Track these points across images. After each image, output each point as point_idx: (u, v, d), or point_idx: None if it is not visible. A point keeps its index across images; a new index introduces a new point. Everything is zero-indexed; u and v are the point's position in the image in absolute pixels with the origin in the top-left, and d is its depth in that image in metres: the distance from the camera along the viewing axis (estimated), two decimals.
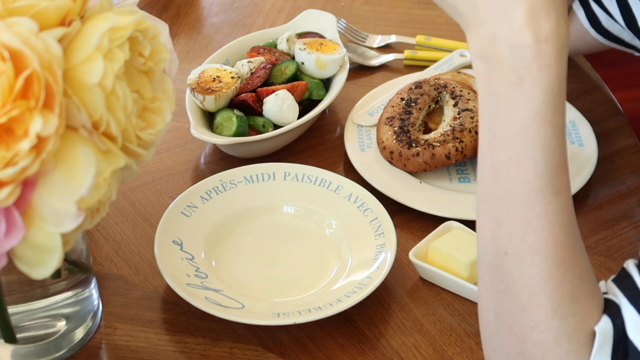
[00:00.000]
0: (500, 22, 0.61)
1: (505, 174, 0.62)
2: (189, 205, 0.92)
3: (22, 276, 0.62)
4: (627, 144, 1.06)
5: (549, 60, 0.60)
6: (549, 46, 0.60)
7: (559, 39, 0.61)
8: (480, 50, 0.62)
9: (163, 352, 0.81)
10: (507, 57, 0.61)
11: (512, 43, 0.60)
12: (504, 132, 0.62)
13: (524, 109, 0.61)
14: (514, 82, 0.61)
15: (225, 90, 1.02)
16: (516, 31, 0.60)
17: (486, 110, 0.64)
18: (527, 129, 0.61)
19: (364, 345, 0.81)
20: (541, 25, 0.60)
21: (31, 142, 0.57)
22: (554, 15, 0.61)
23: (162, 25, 0.70)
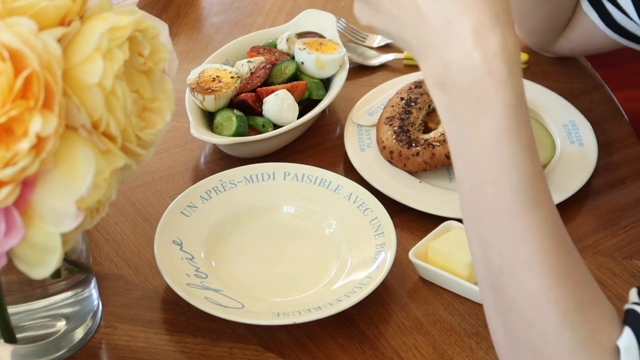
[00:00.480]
0: (449, 46, 0.60)
1: (484, 195, 0.62)
2: (189, 205, 0.92)
3: (22, 276, 0.62)
4: (627, 144, 1.06)
5: (502, 76, 0.60)
6: (499, 62, 0.59)
7: (508, 52, 0.60)
8: (435, 78, 0.62)
9: (163, 352, 0.81)
10: (461, 80, 0.60)
11: (463, 65, 0.60)
12: (473, 154, 0.61)
13: (488, 129, 0.60)
14: (472, 104, 0.60)
15: (225, 90, 1.02)
16: (465, 53, 0.60)
17: (452, 136, 0.63)
18: (495, 148, 0.60)
19: (364, 345, 0.81)
20: (488, 43, 0.59)
21: (31, 142, 0.57)
22: (499, 30, 0.60)
23: (161, 25, 0.70)
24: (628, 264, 0.90)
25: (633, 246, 0.92)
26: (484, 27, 0.60)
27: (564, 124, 1.06)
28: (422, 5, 0.61)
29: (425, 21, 0.61)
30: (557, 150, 1.02)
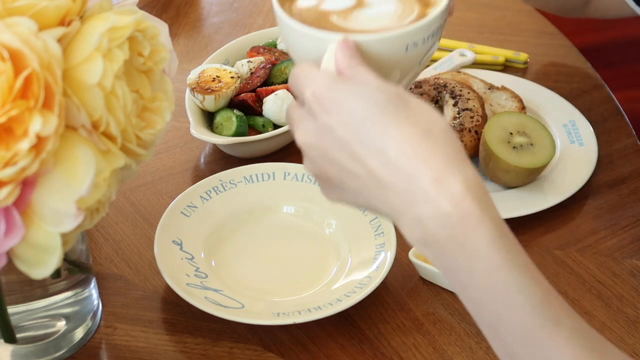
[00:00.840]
0: (416, 204, 0.60)
1: (504, 330, 0.60)
2: (189, 205, 0.92)
3: (22, 276, 0.62)
4: (627, 144, 1.06)
5: (476, 214, 0.59)
6: (468, 202, 0.59)
7: (473, 189, 0.59)
8: (416, 238, 0.61)
9: (163, 352, 0.81)
10: (440, 233, 0.59)
11: (435, 218, 0.59)
12: (480, 298, 0.60)
13: (482, 271, 0.59)
14: (458, 251, 0.59)
15: (225, 90, 1.02)
16: (433, 206, 0.59)
17: (455, 286, 0.62)
18: (496, 286, 0.59)
19: (363, 345, 0.81)
20: (451, 188, 0.59)
21: (31, 141, 0.57)
22: (457, 172, 0.59)
23: (161, 25, 0.70)
24: (628, 264, 0.90)
25: (633, 246, 0.92)
26: (442, 175, 0.59)
27: (564, 124, 1.06)
28: (379, 173, 0.61)
29: (387, 187, 0.61)
30: (557, 150, 1.01)
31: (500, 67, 1.19)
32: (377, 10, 0.74)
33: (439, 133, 0.61)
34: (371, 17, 0.73)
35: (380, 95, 0.62)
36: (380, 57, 0.69)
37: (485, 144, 0.95)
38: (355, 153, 0.61)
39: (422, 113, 0.62)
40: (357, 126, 0.61)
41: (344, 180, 0.63)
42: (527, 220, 0.93)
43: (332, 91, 0.62)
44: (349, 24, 0.72)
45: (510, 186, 0.97)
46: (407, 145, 0.60)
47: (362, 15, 0.73)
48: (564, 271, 0.89)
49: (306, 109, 0.64)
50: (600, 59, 1.26)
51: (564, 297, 0.86)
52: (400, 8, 0.74)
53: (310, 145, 0.64)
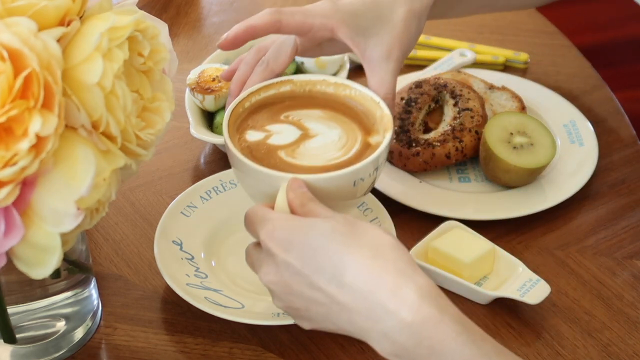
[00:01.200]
0: (379, 320, 0.64)
1: None
2: (189, 205, 0.91)
3: (21, 276, 0.62)
4: (627, 144, 1.06)
5: (436, 317, 0.63)
6: (425, 307, 0.63)
7: (427, 295, 0.63)
8: (388, 352, 0.65)
9: (163, 352, 0.81)
10: (407, 342, 0.63)
11: (399, 329, 0.63)
12: None
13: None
14: (428, 355, 0.63)
15: (225, 90, 1.02)
16: (394, 318, 0.63)
17: None
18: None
19: (363, 345, 0.81)
20: (408, 297, 0.63)
21: (30, 141, 0.57)
22: (410, 281, 0.64)
23: (161, 25, 0.70)
24: (628, 264, 0.90)
25: (633, 246, 0.92)
26: (397, 287, 0.64)
27: (564, 124, 1.06)
28: (339, 298, 0.65)
29: (349, 309, 0.65)
30: (557, 150, 1.01)
31: (501, 67, 1.19)
32: (323, 142, 0.80)
33: (387, 250, 0.66)
34: (317, 150, 0.79)
35: (331, 226, 0.67)
36: (330, 192, 0.75)
37: (485, 144, 0.95)
38: (314, 283, 0.66)
39: (371, 235, 0.67)
40: (311, 258, 0.66)
41: (310, 309, 0.68)
42: (527, 220, 0.93)
43: (285, 231, 0.68)
44: (298, 160, 0.77)
45: (510, 186, 0.97)
46: (360, 267, 0.65)
47: (308, 150, 0.79)
48: (564, 271, 0.89)
49: (264, 250, 0.69)
50: (600, 59, 1.26)
51: (564, 297, 0.86)
52: (344, 138, 0.80)
53: (273, 283, 0.69)
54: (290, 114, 0.83)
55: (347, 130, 0.81)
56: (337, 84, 0.85)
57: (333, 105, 0.84)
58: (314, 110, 0.83)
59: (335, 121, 0.82)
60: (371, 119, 0.82)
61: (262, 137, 0.80)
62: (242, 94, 0.83)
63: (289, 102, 0.84)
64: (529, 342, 0.81)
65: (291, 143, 0.79)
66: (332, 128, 0.81)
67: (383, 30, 0.85)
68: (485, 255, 0.86)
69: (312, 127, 0.81)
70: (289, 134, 0.80)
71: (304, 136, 0.80)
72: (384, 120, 0.80)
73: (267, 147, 0.79)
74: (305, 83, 0.85)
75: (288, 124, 0.81)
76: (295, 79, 0.86)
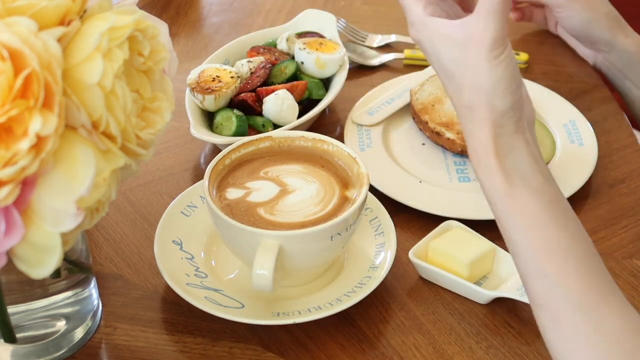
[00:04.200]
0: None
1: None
2: (189, 205, 0.92)
3: (21, 276, 0.62)
4: (627, 144, 1.06)
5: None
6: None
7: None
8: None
9: (163, 351, 0.81)
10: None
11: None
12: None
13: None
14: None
15: (225, 90, 1.02)
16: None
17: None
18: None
19: (363, 345, 0.81)
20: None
21: (30, 141, 0.57)
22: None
23: (161, 25, 0.70)
24: (628, 263, 0.90)
25: (633, 246, 0.92)
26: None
27: (564, 124, 1.06)
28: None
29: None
30: (557, 150, 1.02)
31: None
32: (301, 197, 0.83)
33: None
34: (296, 206, 0.82)
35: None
36: (307, 247, 0.79)
37: None
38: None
39: None
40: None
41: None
42: None
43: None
44: (276, 216, 0.80)
45: None
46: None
47: (287, 206, 0.82)
48: None
49: None
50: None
51: None
52: (322, 192, 0.84)
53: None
54: (269, 170, 0.85)
55: (325, 184, 0.84)
56: (315, 140, 0.88)
57: (312, 159, 0.87)
58: (293, 165, 0.86)
59: (314, 175, 0.85)
60: (349, 172, 0.85)
61: (242, 195, 0.83)
62: (222, 152, 0.86)
63: (268, 158, 0.87)
64: (529, 341, 0.81)
65: (270, 200, 0.82)
66: (311, 182, 0.84)
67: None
68: (485, 255, 0.86)
69: (290, 183, 0.84)
70: (268, 191, 0.83)
71: (282, 192, 0.83)
72: (360, 177, 0.83)
73: (247, 205, 0.82)
74: (284, 139, 0.88)
75: (267, 180, 0.84)
76: (275, 135, 0.89)
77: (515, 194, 0.70)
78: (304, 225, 0.79)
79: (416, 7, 0.75)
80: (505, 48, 0.70)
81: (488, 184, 0.71)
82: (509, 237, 0.71)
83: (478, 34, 0.70)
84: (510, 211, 0.70)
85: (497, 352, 0.80)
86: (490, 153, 0.70)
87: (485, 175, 0.71)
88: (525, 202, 0.69)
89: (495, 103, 0.70)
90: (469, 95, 0.71)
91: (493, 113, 0.71)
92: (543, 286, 0.68)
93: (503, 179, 0.70)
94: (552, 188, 0.71)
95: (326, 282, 0.86)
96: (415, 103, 1.06)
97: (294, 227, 0.79)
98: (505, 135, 0.71)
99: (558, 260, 0.67)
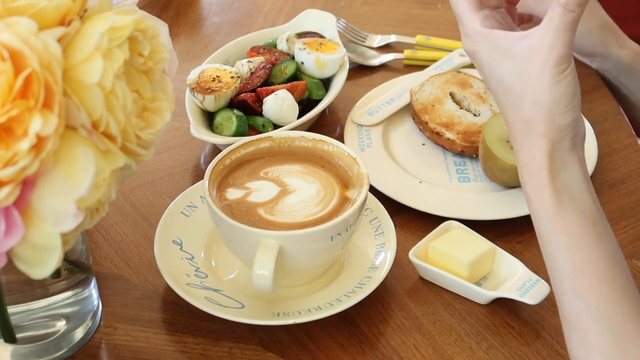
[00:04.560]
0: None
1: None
2: (189, 205, 0.92)
3: (21, 276, 0.62)
4: (627, 144, 1.06)
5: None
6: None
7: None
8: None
9: (163, 352, 0.81)
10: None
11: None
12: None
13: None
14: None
15: (225, 90, 1.02)
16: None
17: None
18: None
19: (363, 345, 0.81)
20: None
21: (31, 141, 0.57)
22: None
23: (161, 25, 0.70)
24: (628, 263, 0.90)
25: (633, 246, 0.92)
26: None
27: None
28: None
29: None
30: None
31: None
32: (301, 197, 0.83)
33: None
34: (296, 206, 0.82)
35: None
36: (307, 247, 0.79)
37: (484, 143, 0.95)
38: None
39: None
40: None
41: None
42: (527, 220, 0.93)
43: None
44: (276, 217, 0.81)
45: (509, 186, 0.97)
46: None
47: (287, 206, 0.82)
48: None
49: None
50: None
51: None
52: (322, 192, 0.84)
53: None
54: (269, 170, 0.85)
55: (325, 184, 0.84)
56: (315, 140, 0.88)
57: (312, 159, 0.87)
58: (293, 165, 0.86)
59: (314, 175, 0.85)
60: (349, 173, 0.85)
61: (242, 195, 0.83)
62: (222, 152, 0.86)
63: (268, 158, 0.87)
64: (529, 341, 0.81)
65: (270, 200, 0.82)
66: (311, 183, 0.84)
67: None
68: (485, 255, 0.86)
69: (291, 183, 0.84)
70: (268, 191, 0.83)
71: (283, 192, 0.83)
72: (360, 178, 0.83)
73: (247, 205, 0.82)
74: (284, 140, 0.88)
75: (267, 181, 0.84)
76: (275, 135, 0.88)
77: (562, 212, 0.70)
78: (304, 226, 0.79)
79: (474, 20, 0.75)
80: (570, 64, 0.71)
81: (536, 199, 0.72)
82: (550, 252, 0.71)
83: (545, 48, 0.70)
84: (556, 229, 0.71)
85: (497, 352, 0.80)
86: (544, 168, 0.71)
87: (534, 189, 0.72)
88: (572, 221, 0.70)
89: (556, 118, 0.71)
90: (529, 109, 0.71)
91: (553, 128, 0.71)
92: (576, 305, 0.69)
93: (552, 195, 0.71)
94: (597, 210, 0.71)
95: (326, 282, 0.86)
96: (415, 103, 1.06)
97: (294, 228, 0.79)
98: (560, 150, 0.71)
99: (594, 282, 0.68)
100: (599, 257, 0.69)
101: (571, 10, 0.68)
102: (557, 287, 0.71)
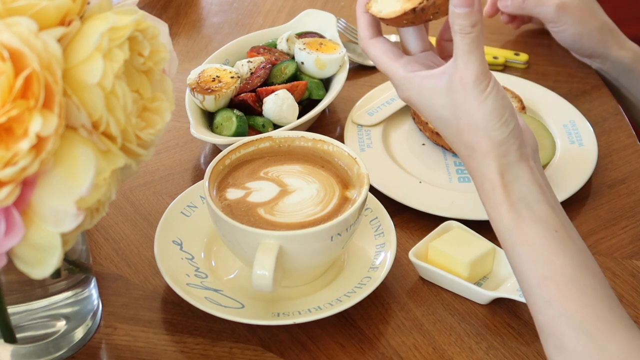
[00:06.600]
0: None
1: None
2: (189, 205, 0.92)
3: (22, 276, 0.62)
4: (627, 144, 1.06)
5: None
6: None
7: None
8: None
9: (163, 352, 0.81)
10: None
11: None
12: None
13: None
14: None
15: (225, 90, 1.02)
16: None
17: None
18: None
19: (363, 345, 0.81)
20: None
21: (31, 141, 0.57)
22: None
23: (161, 25, 0.70)
24: (628, 264, 0.90)
25: (633, 246, 0.92)
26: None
27: (564, 124, 1.06)
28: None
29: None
30: (557, 150, 1.02)
31: (501, 68, 1.19)
32: (301, 197, 0.83)
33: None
34: (296, 206, 0.82)
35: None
36: (307, 247, 0.79)
37: None
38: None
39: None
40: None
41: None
42: None
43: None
44: (276, 217, 0.81)
45: None
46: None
47: (287, 206, 0.82)
48: None
49: None
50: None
51: None
52: (322, 192, 0.84)
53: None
54: (269, 170, 0.85)
55: (325, 184, 0.84)
56: (315, 140, 0.88)
57: (312, 159, 0.87)
58: (293, 165, 0.86)
59: (314, 175, 0.85)
60: (349, 173, 0.85)
61: (242, 195, 0.83)
62: (222, 152, 0.86)
63: (268, 158, 0.87)
64: (529, 341, 0.81)
65: (270, 200, 0.82)
66: (311, 183, 0.84)
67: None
68: (485, 256, 0.86)
69: (291, 183, 0.84)
70: (269, 191, 0.83)
71: (283, 192, 0.83)
72: (360, 178, 0.83)
73: (247, 205, 0.82)
74: (284, 140, 0.88)
75: (267, 181, 0.84)
76: (275, 135, 0.88)
77: (521, 225, 0.71)
78: (304, 226, 0.79)
79: (396, 68, 0.78)
80: (489, 81, 0.73)
81: (495, 217, 0.73)
82: (516, 265, 0.72)
83: (460, 74, 0.72)
84: (517, 242, 0.71)
85: (497, 352, 0.80)
86: (497, 185, 0.72)
87: (492, 208, 0.73)
88: (531, 232, 0.70)
89: (493, 135, 0.72)
90: (467, 134, 0.73)
91: (494, 144, 0.72)
92: (547, 313, 0.69)
93: (510, 211, 0.71)
94: (558, 217, 0.72)
95: (326, 282, 0.86)
96: None
97: (294, 228, 0.79)
98: (509, 165, 0.72)
99: (562, 288, 0.68)
100: (564, 263, 0.69)
101: (468, 32, 0.71)
102: (527, 297, 0.71)
